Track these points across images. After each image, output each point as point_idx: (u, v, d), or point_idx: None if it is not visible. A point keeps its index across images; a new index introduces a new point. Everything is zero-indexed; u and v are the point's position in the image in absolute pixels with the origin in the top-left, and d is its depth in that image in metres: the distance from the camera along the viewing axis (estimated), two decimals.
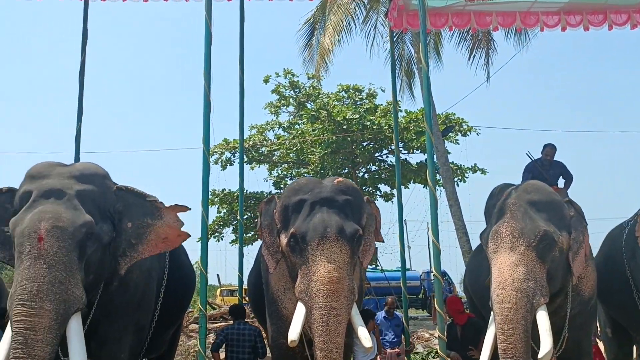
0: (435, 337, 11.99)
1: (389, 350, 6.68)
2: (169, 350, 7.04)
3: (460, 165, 19.60)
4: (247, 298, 8.15)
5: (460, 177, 19.25)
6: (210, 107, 5.65)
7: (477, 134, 19.68)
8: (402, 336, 6.91)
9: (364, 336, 4.76)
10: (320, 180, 5.44)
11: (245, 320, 6.26)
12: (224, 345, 5.85)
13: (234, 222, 19.96)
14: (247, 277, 6.72)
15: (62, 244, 4.18)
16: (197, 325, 13.16)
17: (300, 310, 4.73)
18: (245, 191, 16.90)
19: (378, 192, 19.98)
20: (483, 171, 19.74)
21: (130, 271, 4.90)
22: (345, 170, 19.65)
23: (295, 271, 4.93)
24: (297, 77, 20.44)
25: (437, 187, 9.78)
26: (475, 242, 9.65)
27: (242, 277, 7.56)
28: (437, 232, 5.44)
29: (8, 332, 4.11)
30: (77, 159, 7.52)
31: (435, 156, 11.82)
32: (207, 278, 5.28)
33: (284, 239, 5.04)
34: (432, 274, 22.62)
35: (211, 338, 11.75)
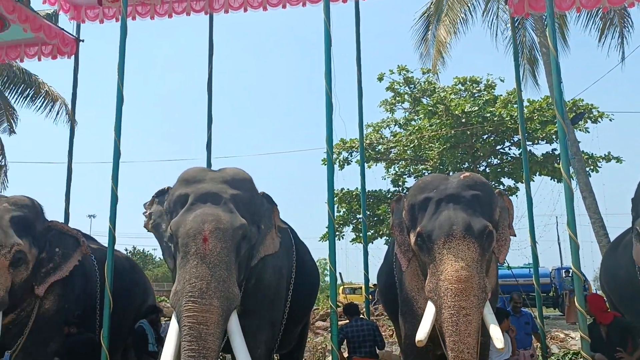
0: (571, 338, 11.35)
1: (521, 351, 6.27)
2: (299, 346, 7.25)
3: (592, 154, 18.26)
4: (370, 296, 8.18)
5: (592, 167, 17.93)
6: (332, 107, 5.75)
7: (610, 119, 18.23)
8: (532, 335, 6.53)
9: (496, 336, 4.58)
10: (446, 176, 5.33)
11: (361, 316, 6.38)
12: (345, 341, 5.96)
13: (354, 221, 20.12)
14: (377, 275, 6.75)
15: (224, 244, 4.49)
16: (323, 323, 13.55)
17: (429, 310, 4.68)
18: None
19: (501, 187, 19.16)
20: (618, 159, 18.20)
21: (264, 270, 5.15)
22: (465, 165, 19.05)
23: (425, 270, 4.89)
24: (412, 72, 20.19)
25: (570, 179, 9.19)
26: (613, 236, 8.93)
27: (368, 275, 7.59)
28: (574, 226, 5.10)
29: (174, 325, 4.43)
30: (208, 164, 8.00)
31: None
32: (336, 276, 5.36)
33: (412, 238, 5.01)
34: (562, 271, 21.40)
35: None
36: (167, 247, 4.97)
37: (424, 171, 19.79)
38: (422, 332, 4.58)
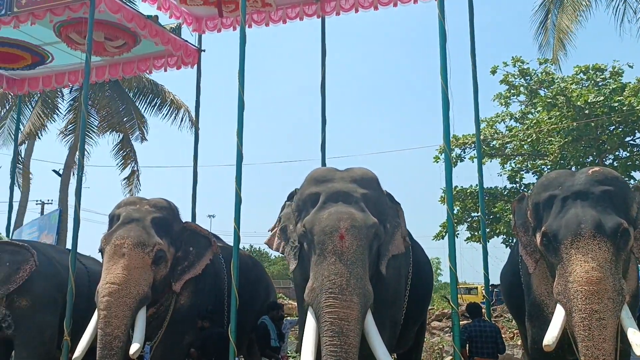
0: None
1: None
2: (416, 346, 7.17)
3: None
4: (485, 295, 7.90)
5: None
6: (448, 103, 5.64)
7: None
8: None
9: (636, 342, 4.20)
10: (572, 172, 5.00)
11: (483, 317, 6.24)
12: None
13: (468, 220, 19.55)
14: (500, 276, 6.52)
15: (359, 242, 4.59)
16: (439, 323, 13.31)
17: (559, 313, 4.42)
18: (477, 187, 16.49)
19: (631, 181, 17.73)
20: None
21: (386, 269, 5.16)
22: (589, 159, 17.82)
23: (553, 271, 4.63)
24: (527, 64, 19.26)
25: None
26: None
27: (488, 275, 7.35)
28: None
29: (311, 320, 4.55)
30: (323, 164, 8.14)
31: None
32: (457, 276, 5.25)
33: (538, 238, 4.77)
34: None
35: (447, 336, 11.75)
36: (292, 247, 5.11)
37: (542, 167, 18.80)
38: (550, 337, 4.35)
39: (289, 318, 8.60)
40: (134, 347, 5.44)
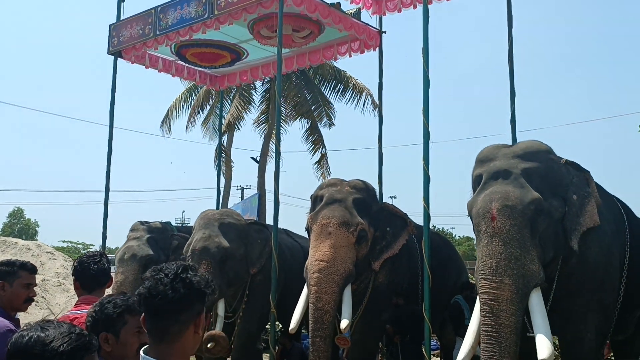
0: None
1: None
2: (637, 333, 6.47)
3: None
4: None
5: None
6: None
7: None
8: None
9: None
10: None
11: None
12: None
13: None
14: None
15: (513, 222, 4.43)
16: None
17: None
18: None
19: None
20: None
21: (586, 247, 4.76)
22: None
23: None
24: None
25: None
26: None
27: None
28: None
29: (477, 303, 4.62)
30: (514, 139, 7.71)
31: None
32: None
33: None
34: None
35: None
36: None
37: None
38: None
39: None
40: (344, 323, 5.78)
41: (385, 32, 9.23)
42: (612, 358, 6.71)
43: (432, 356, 9.22)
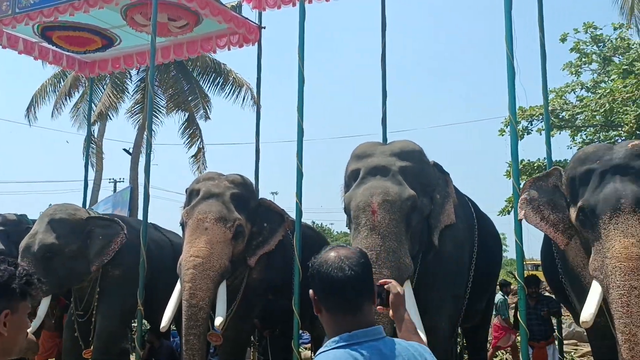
0: None
1: None
2: (483, 322, 7.12)
3: None
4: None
5: None
6: (514, 72, 5.44)
7: None
8: None
9: None
10: (611, 145, 4.78)
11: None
12: None
13: None
14: (540, 252, 6.35)
15: (392, 216, 4.62)
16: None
17: (595, 290, 4.30)
18: (545, 160, 15.89)
19: None
20: None
21: (442, 243, 5.11)
22: None
23: (588, 247, 4.48)
24: (601, 29, 18.25)
25: None
26: None
27: None
28: None
29: None
30: (384, 139, 8.07)
31: None
32: (522, 250, 5.13)
33: (573, 214, 4.60)
34: None
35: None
36: (346, 220, 5.18)
37: (617, 138, 17.89)
38: (588, 313, 4.26)
39: None
40: (219, 320, 5.65)
41: (264, 28, 9.24)
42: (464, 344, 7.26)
43: (303, 350, 9.42)
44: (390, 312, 2.00)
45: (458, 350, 7.59)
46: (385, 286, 2.00)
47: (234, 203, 6.10)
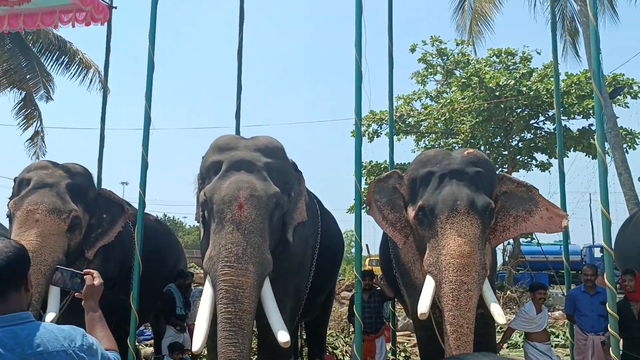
0: None
1: (591, 336, 5.81)
2: (323, 315, 7.35)
3: (631, 130, 17.73)
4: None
5: (629, 144, 17.43)
6: (361, 77, 5.67)
7: None
8: None
9: (497, 312, 4.65)
10: (448, 152, 5.29)
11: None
12: None
13: None
14: (379, 249, 6.78)
15: (258, 212, 4.57)
16: (348, 293, 13.66)
17: (429, 284, 4.69)
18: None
19: (534, 162, 18.83)
20: None
21: (291, 238, 5.19)
22: (498, 139, 18.71)
23: (423, 244, 4.88)
24: (445, 44, 19.77)
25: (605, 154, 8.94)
26: None
27: None
28: (606, 202, 4.96)
29: (208, 289, 4.53)
30: (237, 132, 8.02)
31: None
32: (361, 246, 5.37)
33: (411, 212, 4.96)
34: (594, 248, 20.92)
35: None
36: (199, 215, 5.03)
37: (454, 145, 19.52)
38: (424, 306, 4.61)
39: (200, 287, 8.52)
40: (50, 316, 5.18)
41: (115, 8, 8.70)
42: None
43: (144, 346, 9.04)
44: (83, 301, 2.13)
45: (300, 345, 7.79)
46: (86, 277, 2.16)
47: (70, 193, 5.72)
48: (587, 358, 5.76)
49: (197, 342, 4.36)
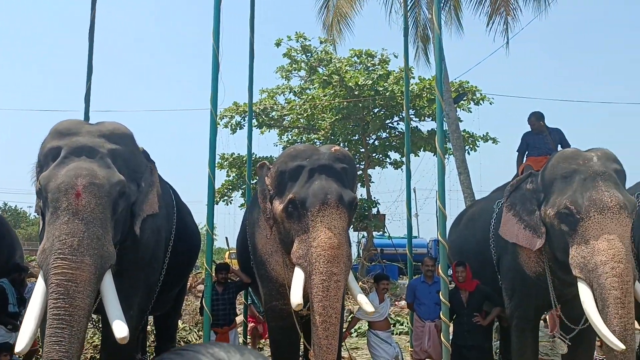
0: None
1: (427, 323, 6.19)
2: (174, 309, 7.17)
3: (472, 133, 19.43)
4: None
5: (471, 146, 19.09)
6: (218, 67, 5.59)
7: (490, 103, 19.41)
8: None
9: (364, 301, 4.86)
10: (316, 147, 5.43)
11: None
12: None
13: (243, 186, 20.01)
14: (236, 241, 6.80)
15: (99, 200, 4.24)
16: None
17: (299, 276, 4.77)
18: (254, 155, 16.90)
19: (388, 160, 19.91)
20: (494, 140, 19.58)
21: (142, 230, 4.96)
22: (356, 137, 19.51)
23: (289, 237, 4.95)
24: (310, 41, 20.17)
25: (446, 155, 9.71)
26: None
27: None
28: (444, 199, 5.42)
29: (41, 283, 4.16)
30: (86, 117, 7.51)
31: (446, 123, 11.72)
32: (213, 238, 5.32)
33: (278, 205, 5.02)
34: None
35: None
36: (38, 206, 4.62)
37: (316, 140, 20.01)
38: (297, 297, 4.66)
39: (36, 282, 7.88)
40: None
41: None
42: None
43: None
44: None
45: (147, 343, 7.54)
46: None
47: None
48: (424, 343, 6.20)
49: (22, 341, 3.96)
